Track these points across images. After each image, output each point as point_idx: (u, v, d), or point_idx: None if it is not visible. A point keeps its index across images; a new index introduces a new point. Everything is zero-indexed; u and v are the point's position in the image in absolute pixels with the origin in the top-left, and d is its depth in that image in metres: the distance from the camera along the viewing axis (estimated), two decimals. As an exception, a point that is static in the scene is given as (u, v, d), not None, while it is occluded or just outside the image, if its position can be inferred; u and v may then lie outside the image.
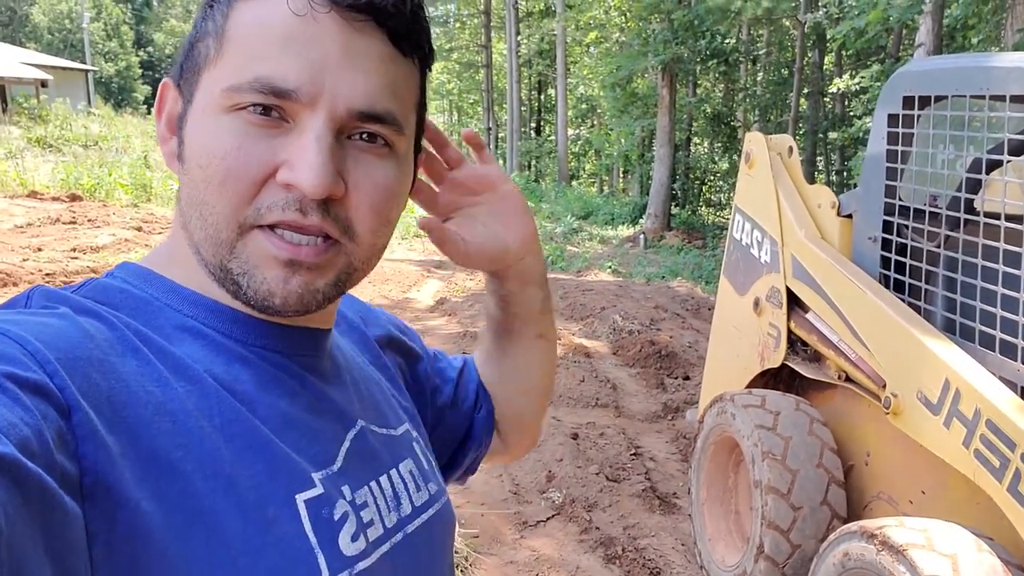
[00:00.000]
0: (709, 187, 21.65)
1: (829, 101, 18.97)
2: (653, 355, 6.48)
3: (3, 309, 0.56)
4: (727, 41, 16.67)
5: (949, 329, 2.43)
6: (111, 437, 0.48)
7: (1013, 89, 2.21)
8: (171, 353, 0.57)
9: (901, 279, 2.64)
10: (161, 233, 10.61)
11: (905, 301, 2.59)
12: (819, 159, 20.32)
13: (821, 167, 20.58)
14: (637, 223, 17.16)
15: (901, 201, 2.67)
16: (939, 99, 2.49)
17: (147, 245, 9.62)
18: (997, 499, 2.07)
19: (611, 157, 21.51)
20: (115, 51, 48.53)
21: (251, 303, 0.60)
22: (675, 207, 17.72)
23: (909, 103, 2.59)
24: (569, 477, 4.18)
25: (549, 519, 3.84)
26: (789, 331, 3.13)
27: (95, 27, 46.22)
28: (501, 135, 32.39)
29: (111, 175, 14.16)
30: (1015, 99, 2.22)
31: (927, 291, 2.56)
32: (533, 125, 34.23)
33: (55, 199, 12.47)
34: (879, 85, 10.16)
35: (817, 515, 2.71)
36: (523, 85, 31.18)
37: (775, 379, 3.34)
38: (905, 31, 13.92)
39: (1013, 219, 2.19)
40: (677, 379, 6.11)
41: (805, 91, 18.06)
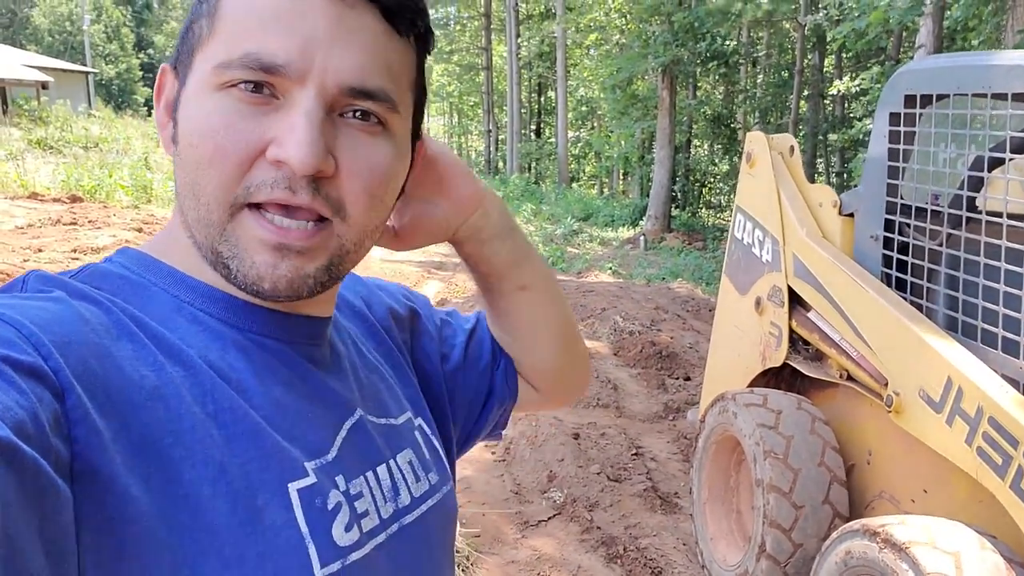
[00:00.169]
0: (709, 189, 21.66)
1: (829, 103, 18.99)
2: (654, 356, 6.48)
3: None
4: (727, 43, 16.68)
5: (951, 327, 2.43)
6: (103, 421, 0.48)
7: (1014, 87, 2.21)
8: (166, 338, 0.56)
9: (903, 277, 2.65)
10: (162, 234, 10.59)
11: (907, 299, 2.59)
12: (819, 161, 20.34)
13: (821, 169, 20.60)
14: (637, 225, 17.17)
15: (903, 200, 2.67)
16: (941, 97, 2.49)
17: (148, 246, 9.59)
18: (1000, 496, 2.07)
19: (611, 159, 21.50)
20: (116, 53, 48.56)
21: (241, 287, 0.59)
22: (675, 209, 17.72)
23: (911, 102, 2.59)
24: (570, 477, 4.18)
25: (550, 519, 3.84)
26: (790, 330, 3.13)
27: (96, 29, 46.27)
28: (501, 137, 32.41)
29: (111, 177, 14.16)
30: (1016, 97, 2.22)
31: (929, 289, 2.56)
32: (533, 127, 34.26)
33: (56, 200, 12.46)
34: (879, 87, 10.17)
35: (819, 514, 2.70)
36: (523, 87, 31.21)
37: (776, 378, 3.34)
38: (905, 33, 13.93)
39: (1015, 217, 2.19)
40: (678, 380, 6.11)
41: (805, 93, 18.08)
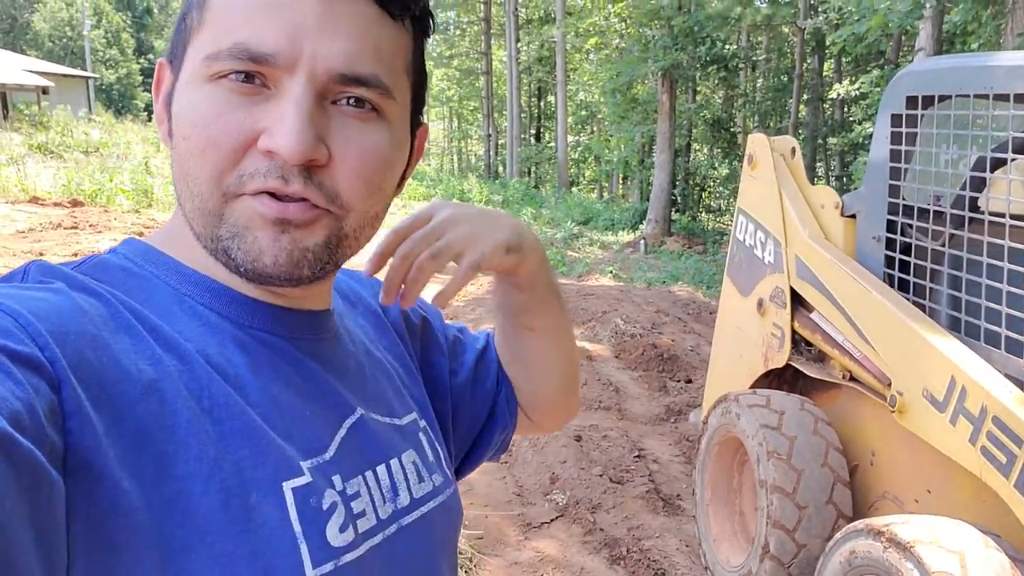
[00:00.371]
0: (709, 193, 21.69)
1: (828, 107, 19.03)
2: (655, 358, 6.48)
3: None
4: (727, 47, 16.73)
5: (954, 327, 2.43)
6: (96, 414, 0.48)
7: (1016, 88, 2.22)
8: (165, 332, 0.56)
9: (905, 278, 2.65)
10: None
11: (909, 300, 2.59)
12: (819, 165, 20.38)
13: (821, 173, 20.65)
14: (637, 229, 17.18)
15: (905, 201, 2.68)
16: (942, 99, 2.50)
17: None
18: (1004, 495, 2.07)
19: (611, 163, 21.51)
20: (116, 58, 48.61)
21: (242, 268, 0.58)
22: (675, 213, 17.74)
23: (912, 103, 2.60)
24: (573, 479, 4.18)
25: (553, 520, 3.84)
26: (793, 331, 3.13)
27: (96, 34, 46.37)
28: (501, 142, 32.44)
29: (112, 181, 14.17)
30: (1018, 98, 2.23)
31: (931, 290, 2.56)
32: (533, 131, 34.32)
33: (57, 205, 12.48)
34: (879, 90, 10.20)
35: (822, 514, 2.70)
36: (523, 92, 31.26)
37: (779, 379, 3.35)
38: (905, 36, 13.97)
39: (1017, 217, 2.20)
40: (679, 382, 6.12)
41: (805, 97, 18.13)
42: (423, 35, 0.65)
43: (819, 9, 15.63)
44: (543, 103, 34.76)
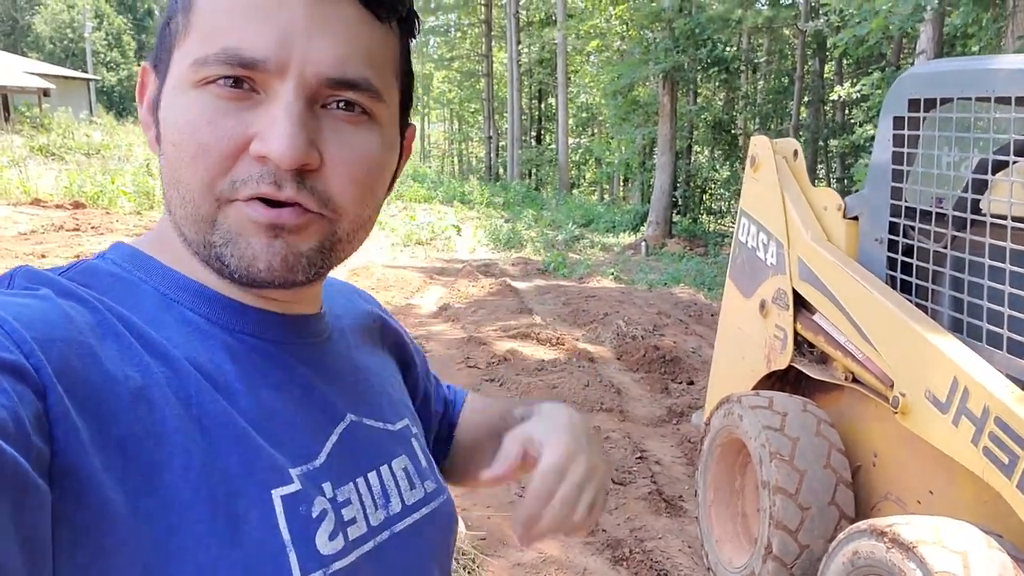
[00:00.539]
0: (710, 195, 21.70)
1: (830, 109, 19.04)
2: (657, 360, 6.48)
3: None
4: (728, 49, 16.78)
5: (956, 328, 2.44)
6: (82, 420, 0.47)
7: (1017, 91, 2.23)
8: (153, 338, 0.55)
9: (908, 280, 2.66)
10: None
11: (911, 301, 2.60)
12: (820, 167, 20.39)
13: (822, 175, 20.65)
14: (638, 231, 17.21)
15: (907, 203, 2.69)
16: (944, 101, 2.51)
17: (151, 252, 9.62)
18: (1006, 496, 2.08)
19: (612, 165, 21.54)
20: (117, 60, 48.67)
21: (236, 274, 0.58)
22: (676, 215, 17.77)
23: (914, 106, 2.61)
24: (575, 480, 4.18)
25: (556, 522, 3.84)
26: (795, 333, 3.14)
27: (97, 37, 46.42)
28: (502, 144, 32.47)
29: (114, 183, 14.21)
30: (1020, 101, 2.24)
31: (934, 291, 2.57)
32: (534, 134, 34.34)
33: (58, 207, 12.52)
34: (880, 93, 10.22)
35: (825, 515, 2.71)
36: (524, 94, 31.29)
37: (781, 381, 3.35)
38: (905, 39, 13.99)
39: (1019, 219, 2.21)
40: (681, 384, 6.12)
41: (806, 99, 18.15)
42: (409, 36, 0.65)
43: (820, 12, 15.64)
44: (544, 105, 34.79)
